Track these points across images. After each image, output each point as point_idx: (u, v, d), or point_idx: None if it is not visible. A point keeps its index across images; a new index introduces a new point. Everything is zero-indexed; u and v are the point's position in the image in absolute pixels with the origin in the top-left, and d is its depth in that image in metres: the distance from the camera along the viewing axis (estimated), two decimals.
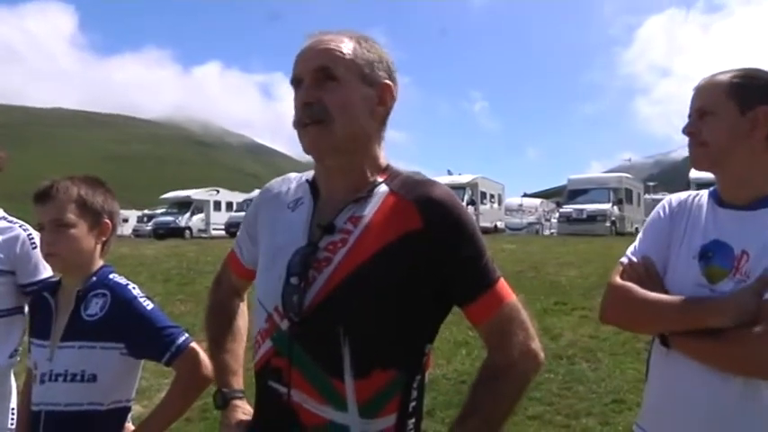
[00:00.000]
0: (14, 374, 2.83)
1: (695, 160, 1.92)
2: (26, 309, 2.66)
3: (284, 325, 1.51)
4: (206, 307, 1.92)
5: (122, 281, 2.16)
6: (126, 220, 42.76)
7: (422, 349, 1.56)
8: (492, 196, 35.50)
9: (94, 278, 2.14)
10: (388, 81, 1.57)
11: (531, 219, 38.55)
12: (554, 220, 36.91)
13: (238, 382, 1.76)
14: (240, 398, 1.73)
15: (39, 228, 2.18)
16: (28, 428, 2.15)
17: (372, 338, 1.47)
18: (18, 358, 2.76)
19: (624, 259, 1.96)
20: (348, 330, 1.46)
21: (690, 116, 1.91)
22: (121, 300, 2.08)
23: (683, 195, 2.03)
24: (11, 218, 2.73)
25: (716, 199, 1.92)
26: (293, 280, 1.51)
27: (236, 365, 1.79)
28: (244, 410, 1.69)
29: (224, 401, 1.72)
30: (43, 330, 2.14)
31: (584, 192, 31.20)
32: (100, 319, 2.06)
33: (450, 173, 37.37)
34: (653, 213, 2.05)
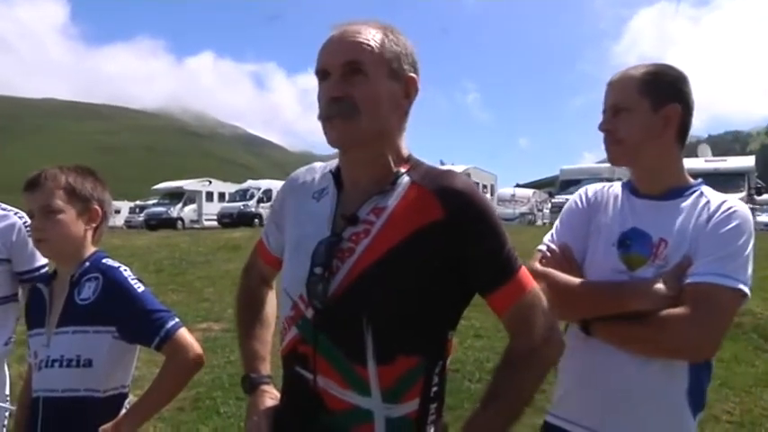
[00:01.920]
0: (8, 364, 2.84)
1: (612, 157, 1.99)
2: (20, 294, 2.67)
3: (309, 313, 1.54)
4: (236, 294, 1.95)
5: (114, 264, 2.17)
6: (118, 212, 42.63)
7: (444, 336, 1.59)
8: (484, 186, 35.50)
9: (87, 263, 2.15)
10: (413, 74, 1.58)
11: (524, 209, 38.48)
12: (546, 211, 36.93)
13: (266, 368, 1.79)
14: (267, 383, 1.75)
15: (29, 216, 2.19)
16: (27, 418, 2.15)
17: (395, 326, 1.49)
18: (13, 346, 2.77)
19: (542, 246, 2.02)
20: (371, 319, 1.48)
21: (604, 112, 1.97)
22: (112, 281, 2.10)
23: (597, 186, 2.11)
24: (6, 206, 2.73)
25: (630, 189, 1.99)
26: (317, 270, 1.53)
27: (263, 351, 1.82)
28: (271, 395, 1.72)
29: (251, 386, 1.75)
30: (39, 319, 2.16)
31: (577, 182, 31.07)
32: (92, 303, 2.07)
33: (442, 163, 37.25)
34: (569, 203, 2.12)
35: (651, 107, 1.89)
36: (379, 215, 1.54)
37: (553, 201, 32.77)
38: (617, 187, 2.05)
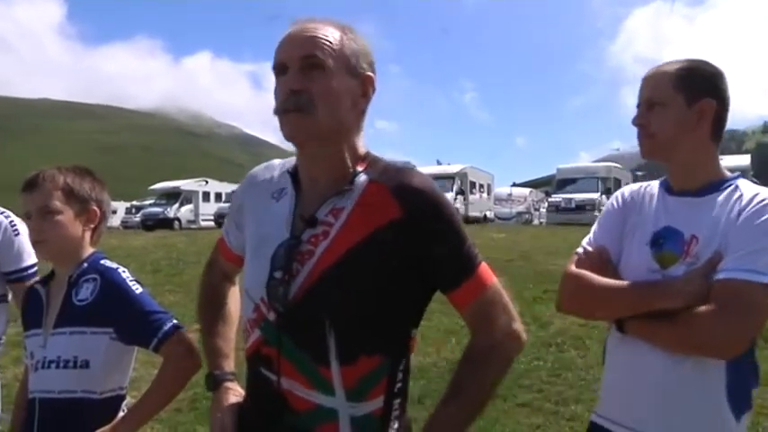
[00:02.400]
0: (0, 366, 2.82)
1: (645, 151, 1.98)
2: (9, 297, 2.66)
3: (271, 316, 1.55)
4: (198, 291, 1.94)
5: (113, 265, 2.16)
6: (114, 212, 42.56)
7: (407, 334, 1.61)
8: (481, 186, 35.53)
9: (86, 264, 2.14)
10: (370, 73, 1.59)
11: (521, 208, 38.58)
12: (543, 210, 37.00)
13: (229, 365, 1.78)
14: (231, 380, 1.75)
15: (26, 216, 2.18)
16: (24, 418, 2.13)
17: (357, 327, 1.50)
18: (3, 348, 2.75)
19: (580, 249, 2.02)
20: (333, 320, 1.49)
21: (638, 106, 1.97)
22: (110, 283, 2.09)
23: (634, 186, 2.10)
24: None
25: (666, 187, 1.99)
26: (277, 274, 1.54)
27: (227, 348, 1.81)
28: (235, 392, 1.71)
29: (215, 383, 1.74)
30: (36, 320, 2.15)
31: (573, 181, 31.27)
32: (90, 304, 2.06)
33: (439, 162, 37.49)
34: (607, 205, 2.12)
35: (685, 102, 1.88)
36: (337, 216, 1.54)
37: (550, 200, 32.84)
38: (654, 186, 2.04)
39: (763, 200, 1.80)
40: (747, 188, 1.87)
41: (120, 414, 2.09)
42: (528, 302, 8.37)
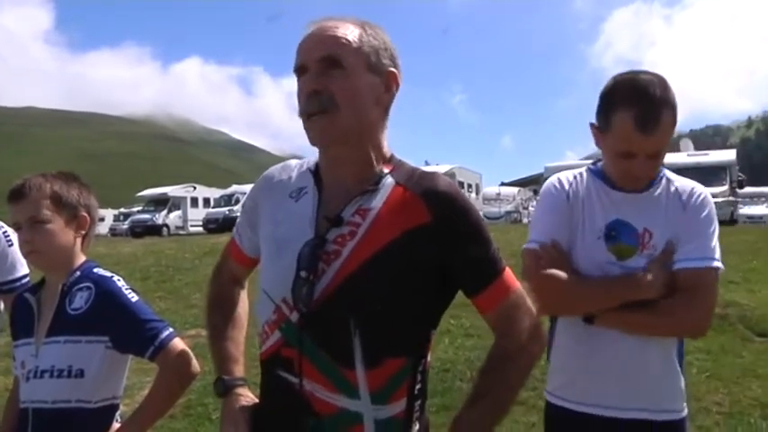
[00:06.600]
0: None
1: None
2: (2, 307, 2.63)
3: (294, 317, 1.52)
4: (206, 295, 1.91)
5: (106, 273, 2.14)
6: (102, 219, 42.26)
7: (428, 335, 1.61)
8: (470, 186, 35.62)
9: (78, 272, 2.12)
10: (392, 69, 1.57)
11: (509, 207, 38.62)
12: (532, 209, 37.07)
13: (240, 370, 1.75)
14: (242, 385, 1.71)
15: (15, 227, 2.15)
16: (16, 429, 2.11)
17: (383, 329, 1.49)
18: None
19: (533, 245, 2.04)
20: (359, 322, 1.48)
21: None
22: (106, 291, 2.06)
23: (569, 176, 2.14)
24: None
25: (604, 180, 2.06)
26: (302, 273, 1.51)
27: (237, 353, 1.78)
28: (246, 398, 1.68)
29: (225, 389, 1.70)
30: (27, 329, 2.12)
31: None
32: (84, 312, 2.03)
33: (427, 163, 37.36)
34: (546, 193, 2.13)
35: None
36: (364, 216, 1.53)
37: (538, 198, 32.89)
38: (585, 176, 2.11)
39: (701, 193, 2.03)
40: (679, 180, 2.07)
41: (116, 425, 2.08)
42: None
